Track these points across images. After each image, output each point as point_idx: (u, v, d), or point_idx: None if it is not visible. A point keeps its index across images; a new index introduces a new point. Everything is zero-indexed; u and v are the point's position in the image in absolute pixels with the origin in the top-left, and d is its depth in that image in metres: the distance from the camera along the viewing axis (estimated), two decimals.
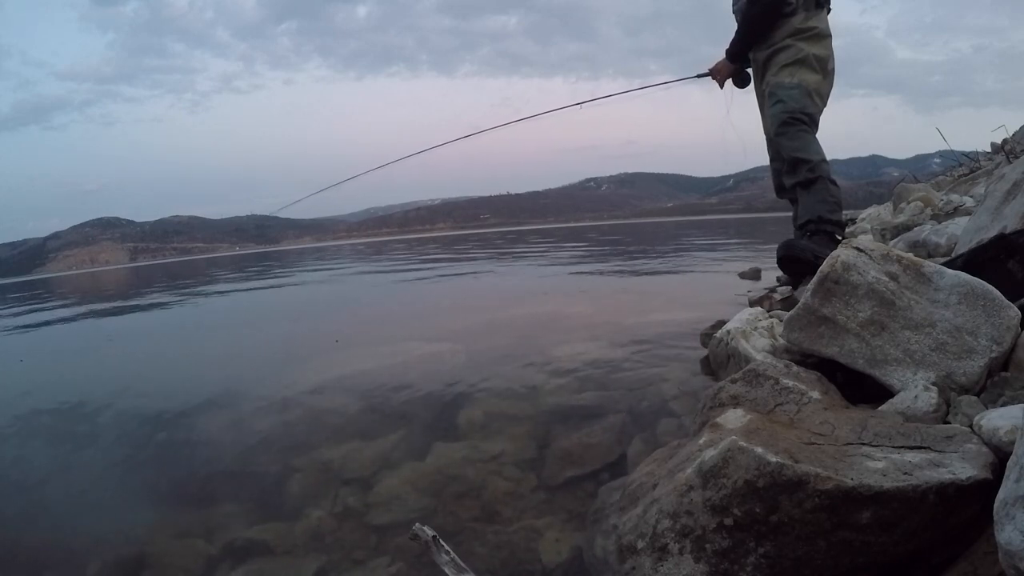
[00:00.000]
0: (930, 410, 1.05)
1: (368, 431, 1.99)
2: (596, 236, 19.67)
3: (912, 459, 0.85)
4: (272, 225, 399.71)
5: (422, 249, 18.34)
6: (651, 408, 1.85)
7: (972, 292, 1.14)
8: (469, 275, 7.59)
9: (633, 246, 12.25)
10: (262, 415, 2.26)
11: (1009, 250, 1.35)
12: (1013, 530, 0.58)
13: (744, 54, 2.77)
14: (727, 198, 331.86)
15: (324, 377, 2.65)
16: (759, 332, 1.76)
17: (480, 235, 38.11)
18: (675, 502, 0.88)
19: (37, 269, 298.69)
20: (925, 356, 1.15)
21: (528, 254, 11.26)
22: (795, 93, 2.53)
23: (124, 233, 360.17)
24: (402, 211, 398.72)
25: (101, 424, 2.43)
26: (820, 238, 2.44)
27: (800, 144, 2.52)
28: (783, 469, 0.80)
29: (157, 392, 2.81)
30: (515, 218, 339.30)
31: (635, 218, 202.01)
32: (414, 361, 2.76)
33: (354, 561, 1.37)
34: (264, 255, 39.97)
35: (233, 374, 3.08)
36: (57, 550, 1.55)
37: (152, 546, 1.51)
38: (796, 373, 1.24)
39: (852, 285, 1.24)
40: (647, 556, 0.88)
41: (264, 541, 1.46)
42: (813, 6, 2.58)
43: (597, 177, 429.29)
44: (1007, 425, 0.86)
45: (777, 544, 0.80)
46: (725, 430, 0.99)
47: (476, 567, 1.11)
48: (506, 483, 1.59)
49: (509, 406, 2.04)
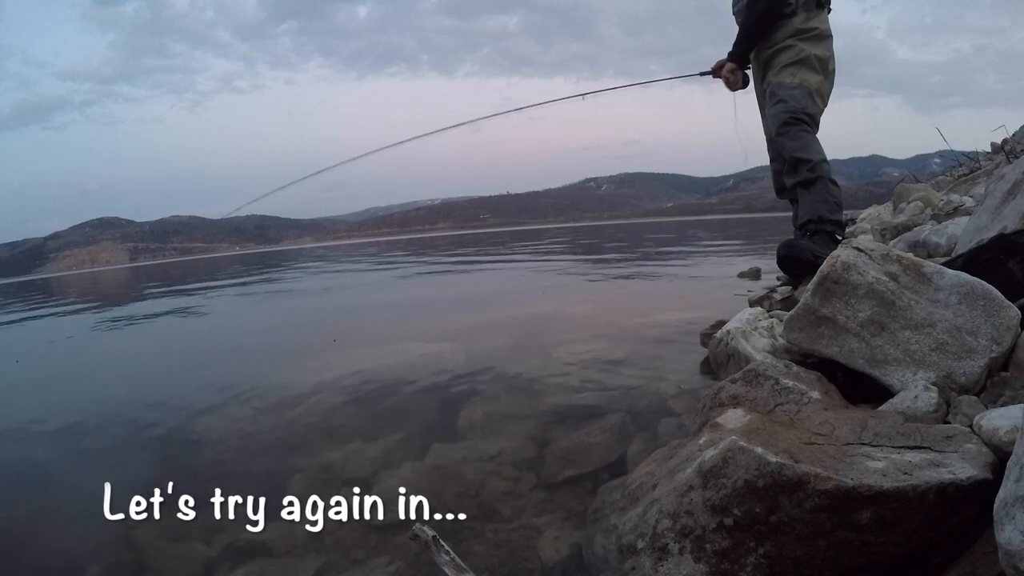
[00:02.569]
0: (930, 410, 1.05)
1: (368, 431, 1.99)
2: (596, 236, 19.67)
3: (912, 459, 0.85)
4: (272, 225, 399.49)
5: (424, 251, 18.30)
6: (651, 408, 1.85)
7: (972, 292, 1.14)
8: (469, 275, 7.59)
9: (633, 246, 12.25)
10: (262, 415, 2.25)
11: (1009, 250, 1.35)
12: (1013, 530, 0.58)
13: (746, 55, 2.76)
14: (727, 198, 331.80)
15: (324, 377, 2.65)
16: (759, 332, 1.76)
17: (480, 235, 38.08)
18: (675, 502, 0.88)
19: (37, 269, 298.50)
20: (925, 356, 1.15)
21: (528, 254, 11.26)
22: (796, 93, 2.53)
23: (124, 233, 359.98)
24: (402, 211, 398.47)
25: (101, 424, 2.43)
26: (820, 238, 2.44)
27: (801, 144, 2.52)
28: (783, 469, 0.80)
29: (157, 392, 2.81)
30: (515, 218, 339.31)
31: (635, 218, 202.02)
32: (414, 361, 2.76)
33: (353, 561, 1.37)
34: (264, 255, 39.91)
35: (232, 374, 3.07)
36: (56, 552, 1.54)
37: (152, 548, 1.51)
38: (796, 373, 1.24)
39: (852, 285, 1.24)
40: (647, 556, 0.88)
41: (264, 542, 1.46)
42: (814, 6, 2.58)
43: (597, 177, 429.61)
44: (1007, 425, 0.86)
45: (777, 544, 0.80)
46: (725, 430, 0.99)
47: (475, 566, 1.11)
48: (505, 482, 1.59)
49: (508, 406, 2.04)
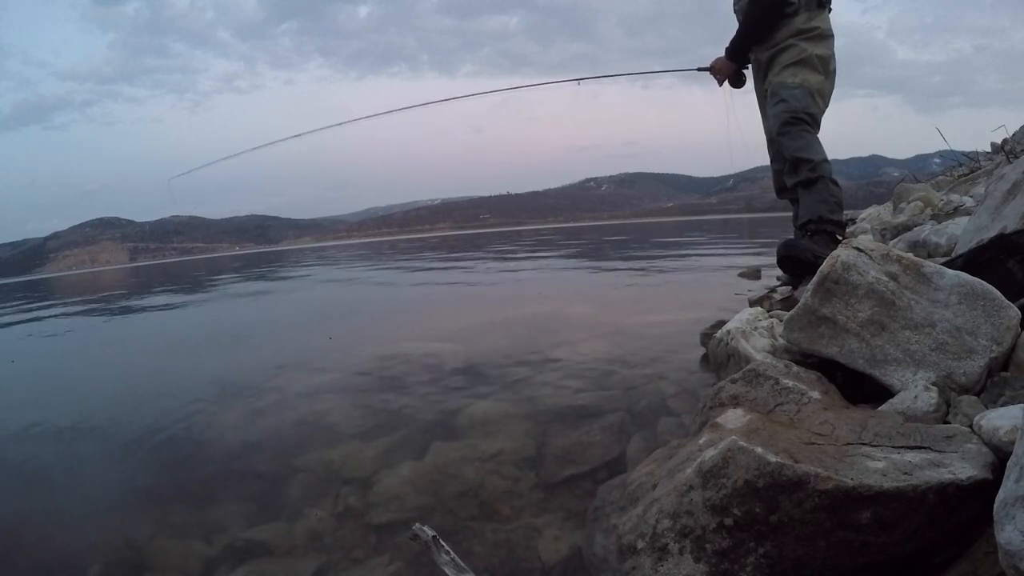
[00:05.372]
0: (930, 410, 1.05)
1: (368, 431, 1.99)
2: (596, 236, 19.66)
3: (912, 459, 0.85)
4: (272, 225, 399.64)
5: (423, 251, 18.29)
6: (651, 408, 1.85)
7: (972, 292, 1.14)
8: (468, 275, 7.59)
9: (633, 246, 12.25)
10: (262, 415, 2.25)
11: (1009, 250, 1.35)
12: (1013, 530, 0.58)
13: (744, 54, 2.76)
14: (727, 198, 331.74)
15: (323, 377, 2.65)
16: (759, 332, 1.76)
17: (481, 236, 38.07)
18: (675, 502, 0.88)
19: (37, 269, 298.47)
20: (925, 356, 1.15)
21: (528, 254, 11.26)
22: (798, 93, 2.53)
23: (124, 233, 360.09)
24: (402, 211, 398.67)
25: (100, 425, 2.43)
26: (820, 238, 2.44)
27: (802, 144, 2.52)
28: (783, 469, 0.80)
29: (156, 391, 2.81)
30: (515, 218, 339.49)
31: (635, 218, 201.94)
32: (413, 361, 2.76)
33: (353, 561, 1.37)
34: (264, 255, 39.90)
35: (232, 374, 3.07)
36: (57, 552, 1.54)
37: (152, 547, 1.51)
38: (796, 373, 1.24)
39: (852, 285, 1.24)
40: (647, 556, 0.88)
41: (264, 542, 1.46)
42: (815, 6, 2.57)
43: (597, 177, 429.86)
44: (1007, 425, 0.86)
45: (777, 544, 0.80)
46: (725, 430, 0.99)
47: (475, 566, 1.11)
48: (505, 482, 1.59)
49: (508, 405, 2.04)
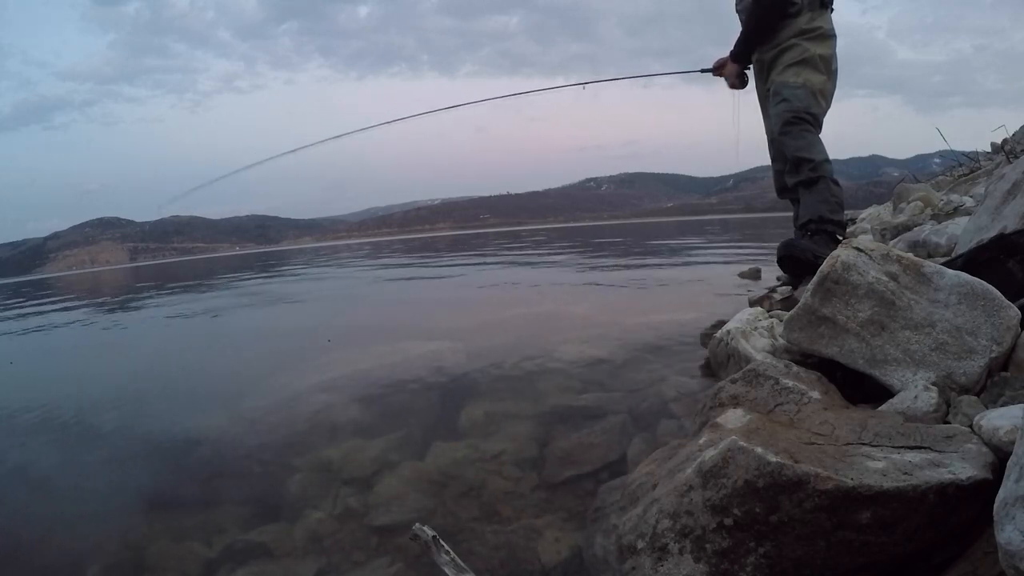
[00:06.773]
0: (930, 410, 1.05)
1: (368, 431, 1.98)
2: (595, 236, 19.66)
3: (912, 459, 0.85)
4: (272, 225, 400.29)
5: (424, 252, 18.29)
6: (651, 408, 1.85)
7: (972, 292, 1.14)
8: (467, 275, 7.59)
9: (633, 246, 12.25)
10: (261, 415, 2.25)
11: (1009, 250, 1.35)
12: (1013, 530, 0.58)
13: (748, 55, 2.76)
14: (727, 198, 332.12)
15: (323, 377, 2.65)
16: (759, 332, 1.76)
17: (480, 235, 38.08)
18: (675, 502, 0.88)
19: (37, 269, 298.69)
20: (925, 356, 1.15)
21: (527, 254, 11.26)
22: (800, 93, 2.53)
23: (124, 233, 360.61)
24: (402, 211, 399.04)
25: (100, 425, 2.43)
26: (821, 238, 2.44)
27: (804, 143, 2.52)
28: (783, 469, 0.80)
29: (156, 391, 2.81)
30: (515, 218, 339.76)
31: (635, 218, 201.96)
32: (414, 360, 2.76)
33: (354, 562, 1.37)
34: (264, 255, 39.92)
35: (231, 373, 3.08)
36: (57, 552, 1.54)
37: (151, 549, 1.50)
38: (796, 373, 1.24)
39: (852, 285, 1.24)
40: (647, 556, 0.88)
41: (263, 543, 1.46)
42: (818, 6, 2.57)
43: (597, 177, 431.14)
44: (1007, 425, 0.86)
45: (777, 544, 0.80)
46: (725, 430, 0.99)
47: (476, 566, 1.11)
48: (506, 483, 1.59)
49: (509, 406, 2.04)
